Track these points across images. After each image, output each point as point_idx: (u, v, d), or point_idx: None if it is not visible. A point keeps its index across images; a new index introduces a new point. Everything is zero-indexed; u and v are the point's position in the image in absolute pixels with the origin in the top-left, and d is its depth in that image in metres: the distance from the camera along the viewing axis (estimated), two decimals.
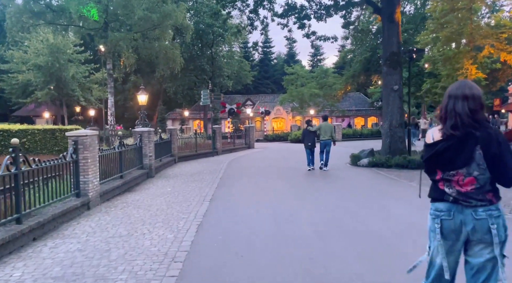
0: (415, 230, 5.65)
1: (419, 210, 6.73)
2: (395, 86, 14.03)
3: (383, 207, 7.20)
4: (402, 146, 14.16)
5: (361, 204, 7.51)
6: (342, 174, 12.22)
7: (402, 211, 6.87)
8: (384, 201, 7.75)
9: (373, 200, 7.89)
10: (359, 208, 7.17)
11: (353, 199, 8.00)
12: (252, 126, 25.34)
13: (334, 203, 7.62)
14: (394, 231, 5.67)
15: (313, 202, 7.77)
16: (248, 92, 60.39)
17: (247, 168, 14.16)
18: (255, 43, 19.11)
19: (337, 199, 8.06)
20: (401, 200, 7.88)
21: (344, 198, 8.15)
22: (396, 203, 7.56)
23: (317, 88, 38.53)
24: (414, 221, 6.11)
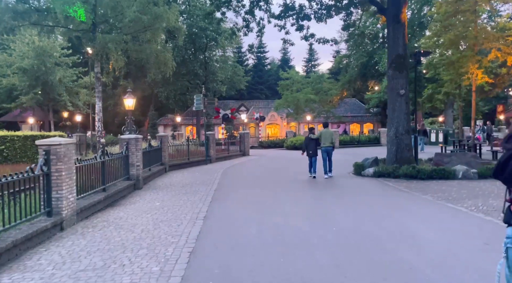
0: (453, 259, 4.67)
1: (446, 231, 5.77)
2: (401, 91, 13.15)
3: (405, 228, 6.21)
4: (409, 154, 13.26)
5: (379, 224, 6.53)
6: (348, 185, 11.25)
7: (428, 234, 5.89)
8: (404, 220, 6.77)
9: (391, 219, 6.90)
10: (378, 229, 6.18)
11: (367, 218, 7.02)
12: (247, 132, 24.36)
13: (347, 223, 6.62)
14: (428, 261, 4.67)
15: (323, 221, 6.77)
16: (241, 98, 59.49)
17: (243, 178, 13.13)
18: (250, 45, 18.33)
19: (350, 218, 7.07)
20: (422, 218, 6.91)
21: (357, 216, 7.15)
22: (418, 223, 6.58)
23: (312, 94, 37.73)
24: (449, 248, 5.13)
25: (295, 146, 28.94)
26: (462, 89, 21.73)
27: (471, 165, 12.56)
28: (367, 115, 48.40)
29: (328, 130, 13.07)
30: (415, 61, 14.13)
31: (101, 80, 22.13)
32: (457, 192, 9.49)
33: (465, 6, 17.33)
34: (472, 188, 10.03)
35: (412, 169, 11.84)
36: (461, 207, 7.71)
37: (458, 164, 12.65)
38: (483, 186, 10.33)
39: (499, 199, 8.30)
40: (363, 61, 39.59)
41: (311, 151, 12.62)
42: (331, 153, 12.65)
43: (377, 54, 37.92)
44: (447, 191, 9.63)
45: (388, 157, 13.52)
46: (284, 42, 19.08)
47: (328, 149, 12.58)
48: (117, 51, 21.34)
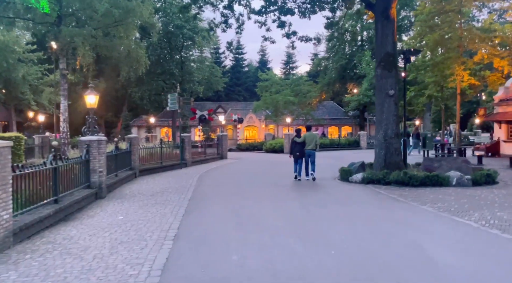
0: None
1: (467, 254, 4.79)
2: (390, 91, 12.33)
3: (418, 250, 5.21)
4: (399, 159, 12.44)
5: (385, 243, 5.51)
6: (337, 193, 10.26)
7: (447, 257, 4.90)
8: (412, 238, 5.77)
9: (396, 236, 5.90)
10: (387, 251, 5.16)
11: (369, 234, 6.00)
12: (225, 134, 23.18)
13: (347, 243, 5.57)
14: None
15: (318, 240, 5.69)
16: (219, 99, 58.19)
17: (222, 185, 11.94)
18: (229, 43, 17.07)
19: (348, 235, 6.03)
20: (431, 235, 5.94)
21: (357, 233, 6.12)
22: (430, 242, 5.60)
23: (292, 96, 36.94)
24: (480, 277, 4.15)
25: (275, 149, 28.00)
26: (444, 91, 21.38)
27: (462, 171, 11.85)
28: (345, 118, 48.07)
29: (312, 133, 13.00)
30: (404, 60, 13.37)
31: (66, 77, 20.42)
32: (457, 201, 8.65)
33: (450, 6, 16.85)
34: (471, 196, 9.23)
35: (403, 176, 10.99)
36: (469, 221, 6.82)
37: (449, 170, 11.93)
38: (480, 194, 9.56)
39: (506, 211, 7.49)
40: (342, 64, 39.21)
41: (298, 153, 12.56)
42: (314, 156, 12.63)
43: (356, 57, 37.57)
44: (445, 200, 8.77)
45: (376, 162, 12.65)
46: (265, 40, 18.06)
47: (311, 152, 12.54)
48: (85, 46, 19.72)
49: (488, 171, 11.37)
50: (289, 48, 69.63)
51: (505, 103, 20.46)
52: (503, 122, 20.72)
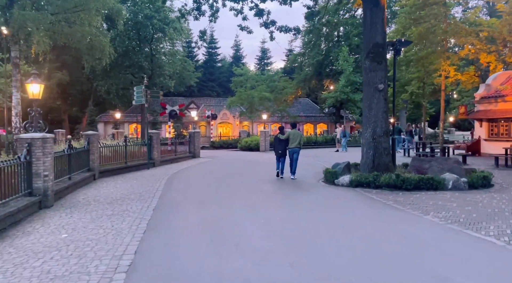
0: None
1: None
2: (379, 85, 11.27)
3: (441, 279, 4.03)
4: (388, 160, 11.41)
5: (403, 274, 4.30)
6: (324, 199, 9.06)
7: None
8: (432, 263, 4.60)
9: (412, 261, 4.72)
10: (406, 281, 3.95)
11: (375, 257, 4.79)
12: (198, 131, 21.63)
13: (354, 270, 4.33)
14: None
15: (315, 267, 4.41)
16: (192, 95, 56.29)
17: (193, 189, 10.51)
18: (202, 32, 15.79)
19: (351, 258, 4.79)
20: (451, 258, 4.81)
21: (361, 255, 4.90)
22: (453, 267, 4.45)
23: (267, 92, 35.73)
24: None
25: (250, 147, 26.73)
26: (426, 88, 20.77)
27: (455, 172, 10.96)
28: (320, 115, 47.43)
29: (296, 131, 12.61)
30: (394, 51, 12.35)
31: (19, 67, 18.29)
32: (461, 209, 7.64)
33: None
34: (473, 202, 8.27)
35: (396, 179, 9.95)
36: (488, 236, 5.76)
37: (440, 171, 11.04)
38: (482, 199, 8.62)
39: None
40: (318, 59, 38.31)
41: (280, 151, 12.28)
42: (297, 155, 12.25)
43: (333, 52, 36.77)
44: (448, 208, 7.75)
45: (363, 163, 11.58)
46: (241, 29, 16.70)
47: (295, 150, 12.16)
48: (40, 32, 17.66)
49: (484, 173, 10.52)
50: (264, 43, 68.56)
51: (487, 100, 20.03)
52: (484, 120, 20.29)
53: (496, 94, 19.65)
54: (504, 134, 19.18)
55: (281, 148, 12.24)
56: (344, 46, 33.42)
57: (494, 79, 20.93)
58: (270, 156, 21.85)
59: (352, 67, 33.16)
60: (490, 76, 21.42)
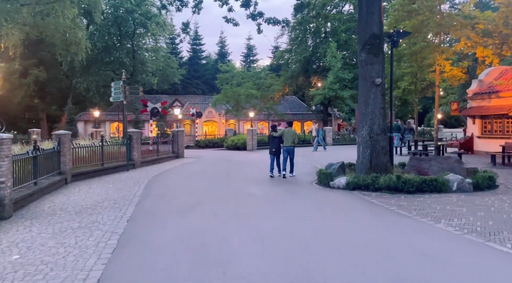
0: None
1: None
2: (377, 79, 10.46)
3: None
4: (386, 160, 10.62)
5: None
6: (322, 206, 8.19)
7: None
8: None
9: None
10: None
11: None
12: (181, 130, 20.55)
13: None
14: None
15: None
16: (176, 93, 54.92)
17: (175, 195, 9.51)
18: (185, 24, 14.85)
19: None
20: (489, 281, 3.98)
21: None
22: None
23: (254, 89, 34.79)
24: None
25: (237, 146, 25.77)
26: (418, 84, 20.17)
27: (456, 172, 10.25)
28: (308, 113, 46.77)
29: (291, 129, 12.33)
30: (392, 43, 11.55)
31: None
32: (473, 215, 6.87)
33: None
34: (484, 207, 7.52)
35: (396, 180, 9.15)
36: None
37: (441, 171, 10.34)
38: (492, 203, 7.89)
39: None
40: (306, 56, 37.57)
41: (274, 149, 12.05)
42: (293, 153, 12.13)
43: (320, 48, 36.07)
44: (459, 214, 6.97)
45: (359, 163, 10.76)
46: (227, 21, 15.71)
47: (289, 149, 12.00)
48: (9, 24, 16.34)
49: (488, 173, 9.82)
50: (250, 40, 67.58)
51: (480, 96, 19.51)
52: (477, 117, 19.78)
53: (490, 90, 19.16)
54: (498, 131, 18.69)
55: (275, 146, 12.00)
56: (332, 42, 32.73)
57: (487, 74, 20.44)
58: (258, 156, 20.99)
59: (341, 64, 32.50)
60: (483, 71, 20.97)
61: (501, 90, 18.31)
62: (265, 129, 44.80)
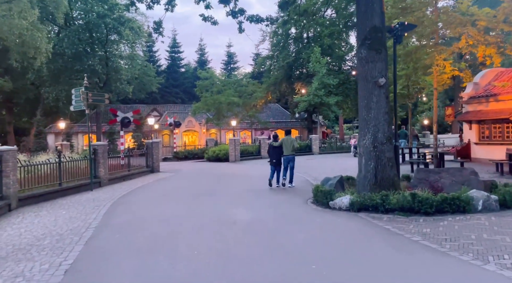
0: None
1: None
2: (380, 79, 8.93)
3: None
4: (393, 173, 9.05)
5: None
6: (323, 236, 6.49)
7: None
8: None
9: None
10: None
11: None
12: (157, 141, 18.63)
13: None
14: None
15: None
16: (154, 102, 52.82)
17: (143, 223, 7.65)
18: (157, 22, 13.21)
19: None
20: None
21: None
22: None
23: (235, 96, 33.15)
24: None
25: (219, 157, 23.97)
26: (411, 88, 18.93)
27: (472, 186, 8.83)
28: (291, 121, 45.41)
29: (290, 137, 12.01)
30: (394, 38, 10.09)
31: None
32: None
33: None
34: None
35: (411, 199, 7.57)
36: None
37: (455, 185, 8.90)
38: None
39: None
40: (288, 62, 36.22)
41: (274, 159, 11.84)
42: (293, 162, 11.82)
43: (303, 54, 34.79)
44: (507, 246, 5.40)
45: (362, 177, 9.15)
46: (204, 20, 14.05)
47: (290, 158, 11.73)
48: None
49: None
50: (230, 47, 66.19)
51: (477, 100, 18.38)
52: (473, 122, 18.62)
53: (487, 93, 18.05)
54: (497, 136, 17.53)
55: (276, 157, 11.72)
56: (316, 47, 31.47)
57: (482, 76, 19.42)
58: (242, 167, 19.28)
59: (325, 69, 31.24)
60: (478, 74, 19.91)
61: (499, 93, 17.19)
62: (248, 139, 43.15)
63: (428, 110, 48.59)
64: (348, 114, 42.09)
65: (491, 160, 14.72)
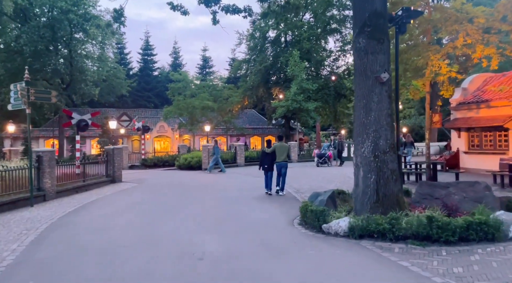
0: None
1: None
2: (383, 75, 7.36)
3: None
4: (397, 188, 7.45)
5: None
6: (319, 279, 4.76)
7: None
8: None
9: None
10: None
11: None
12: (119, 147, 16.46)
13: None
14: None
15: None
16: (125, 106, 50.11)
17: (77, 262, 5.68)
18: (117, 10, 11.37)
19: None
20: None
21: None
22: None
23: (210, 100, 31.26)
24: None
25: (191, 165, 21.97)
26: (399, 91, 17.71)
27: (488, 203, 7.40)
28: (268, 127, 43.85)
29: (283, 143, 11.70)
30: (397, 27, 8.57)
31: None
32: None
33: None
34: None
35: (427, 224, 5.96)
36: None
37: (468, 203, 7.46)
38: None
39: None
40: (266, 65, 34.67)
41: (267, 165, 11.60)
42: (285, 169, 11.44)
43: (282, 57, 33.36)
44: None
45: (359, 194, 7.49)
46: (173, 9, 12.24)
47: (282, 164, 11.36)
48: None
49: None
50: (206, 51, 64.29)
51: (466, 106, 17.29)
52: (463, 130, 17.53)
53: (477, 99, 16.99)
54: (489, 145, 16.45)
55: (267, 163, 11.49)
56: (295, 50, 30.09)
57: (471, 82, 18.43)
58: (216, 177, 17.41)
59: (305, 74, 29.89)
60: (466, 79, 18.92)
61: (492, 99, 16.14)
62: (224, 145, 41.27)
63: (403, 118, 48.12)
64: (325, 121, 40.90)
65: (489, 171, 13.49)
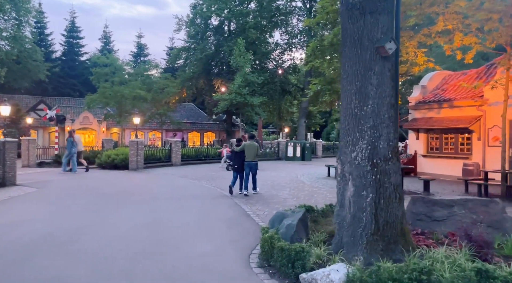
0: None
1: None
2: (388, 45, 4.99)
3: None
4: (401, 212, 5.15)
5: None
6: None
7: None
8: None
9: None
10: None
11: None
12: (12, 141, 12.61)
13: None
14: None
15: None
16: (44, 93, 43.99)
17: None
18: None
19: None
20: None
21: None
22: None
23: (143, 90, 27.62)
24: None
25: (115, 163, 18.46)
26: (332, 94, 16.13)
27: (505, 228, 5.56)
28: (208, 122, 40.98)
29: (253, 143, 10.87)
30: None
31: None
32: None
33: None
34: None
35: (477, 278, 3.70)
36: None
37: (484, 228, 5.52)
38: None
39: None
40: (207, 54, 31.78)
41: (236, 165, 10.89)
42: (255, 169, 10.81)
43: (225, 46, 30.69)
44: None
45: (348, 220, 5.05)
46: None
47: (251, 164, 10.68)
48: None
49: None
50: (141, 38, 59.34)
51: (427, 106, 16.00)
52: (421, 131, 16.24)
53: (439, 98, 15.75)
54: (449, 149, 15.26)
55: (237, 163, 10.92)
56: (240, 39, 27.57)
57: (430, 80, 17.26)
58: (144, 179, 14.14)
59: (250, 66, 27.51)
60: (426, 75, 17.72)
61: (455, 98, 14.92)
62: (157, 140, 37.58)
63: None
64: (270, 118, 39.05)
65: (448, 176, 12.04)
